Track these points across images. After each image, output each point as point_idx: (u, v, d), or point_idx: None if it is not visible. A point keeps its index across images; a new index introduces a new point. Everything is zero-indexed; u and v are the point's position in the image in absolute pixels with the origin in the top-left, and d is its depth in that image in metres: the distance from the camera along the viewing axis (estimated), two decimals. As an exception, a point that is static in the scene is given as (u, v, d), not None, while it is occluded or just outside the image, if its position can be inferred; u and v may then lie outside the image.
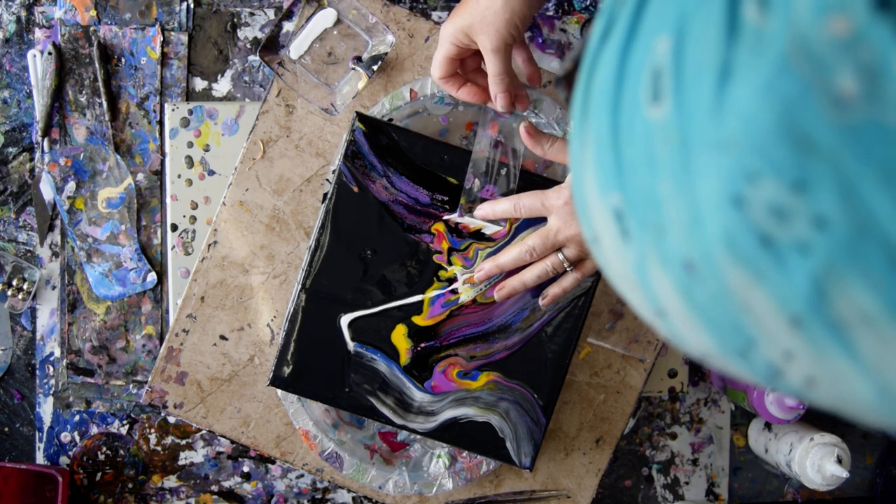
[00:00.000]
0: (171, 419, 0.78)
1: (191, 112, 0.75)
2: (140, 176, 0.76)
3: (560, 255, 0.61)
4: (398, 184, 0.66)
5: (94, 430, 0.77)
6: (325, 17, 0.70)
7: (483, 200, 0.66)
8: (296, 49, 0.70)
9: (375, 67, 0.70)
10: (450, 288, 0.67)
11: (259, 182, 0.71)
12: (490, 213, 0.64)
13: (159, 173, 0.76)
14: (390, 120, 0.69)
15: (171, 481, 0.78)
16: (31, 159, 0.76)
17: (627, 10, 0.21)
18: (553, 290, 0.64)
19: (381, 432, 0.72)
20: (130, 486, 0.78)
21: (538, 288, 0.66)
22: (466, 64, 0.61)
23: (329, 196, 0.66)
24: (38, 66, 0.74)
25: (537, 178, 0.67)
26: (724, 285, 0.19)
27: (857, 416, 0.21)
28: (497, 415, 0.67)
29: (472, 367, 0.67)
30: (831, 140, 0.16)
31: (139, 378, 0.77)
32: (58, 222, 0.76)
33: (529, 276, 0.62)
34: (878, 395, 0.19)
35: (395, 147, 0.66)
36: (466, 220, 0.67)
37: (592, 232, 0.24)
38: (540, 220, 0.63)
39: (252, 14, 0.76)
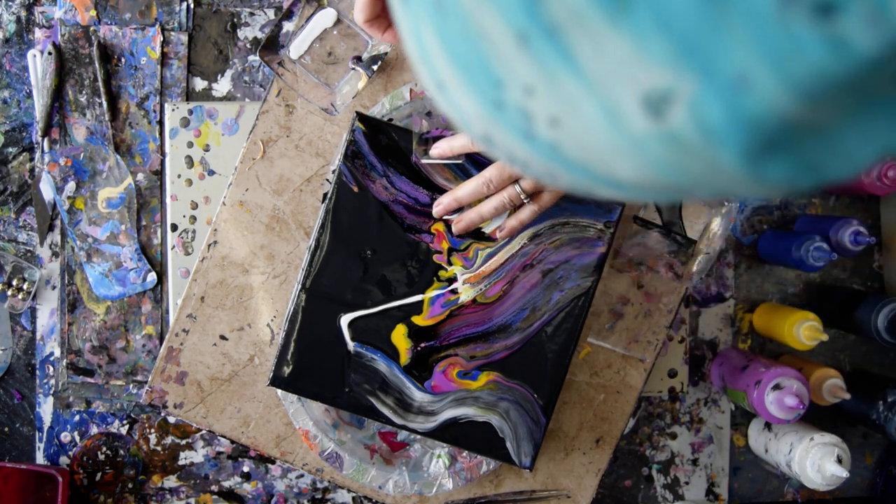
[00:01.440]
0: (171, 419, 0.78)
1: (191, 112, 0.75)
2: (140, 176, 0.76)
3: (517, 188, 0.60)
4: (398, 184, 0.66)
5: (94, 430, 0.77)
6: (325, 17, 0.70)
7: (437, 139, 0.64)
8: (296, 49, 0.70)
9: (375, 67, 0.70)
10: (450, 288, 0.67)
11: (259, 182, 0.71)
12: (447, 149, 0.63)
13: (159, 173, 0.76)
14: (390, 120, 0.69)
15: (171, 481, 0.78)
16: (31, 159, 0.76)
17: None
18: (510, 223, 0.63)
19: (381, 432, 0.72)
20: (130, 486, 0.78)
21: (537, 290, 0.66)
22: (387, 5, 0.61)
23: (329, 196, 0.66)
24: (38, 66, 0.74)
25: None
26: (463, 12, 0.19)
27: (604, 167, 0.21)
28: (497, 415, 0.67)
29: (472, 367, 0.67)
30: None
31: (139, 378, 0.77)
32: (58, 222, 0.76)
33: (486, 208, 0.62)
34: (607, 119, 0.19)
35: (395, 147, 0.66)
36: (426, 163, 0.65)
37: (402, 32, 0.24)
38: None
39: (252, 14, 0.76)
